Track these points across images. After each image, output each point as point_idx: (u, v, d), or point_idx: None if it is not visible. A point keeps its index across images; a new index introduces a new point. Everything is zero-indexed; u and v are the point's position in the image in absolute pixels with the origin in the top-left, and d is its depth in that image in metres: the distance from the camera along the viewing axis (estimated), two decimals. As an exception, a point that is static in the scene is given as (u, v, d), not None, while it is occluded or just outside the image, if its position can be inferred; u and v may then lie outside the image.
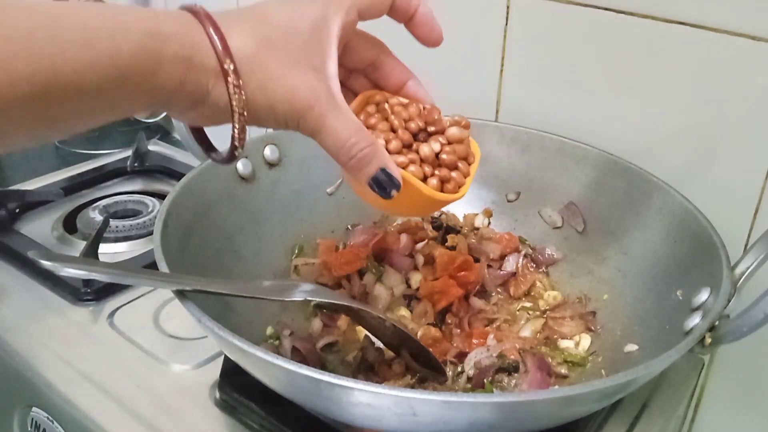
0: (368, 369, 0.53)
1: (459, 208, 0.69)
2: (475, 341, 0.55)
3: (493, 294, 0.61)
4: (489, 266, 0.62)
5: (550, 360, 0.54)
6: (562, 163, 0.65)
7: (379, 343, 0.54)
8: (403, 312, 0.59)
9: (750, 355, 0.64)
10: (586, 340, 0.57)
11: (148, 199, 0.86)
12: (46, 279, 0.69)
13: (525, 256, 0.64)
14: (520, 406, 0.38)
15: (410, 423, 0.38)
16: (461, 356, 0.54)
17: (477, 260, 0.61)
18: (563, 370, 0.54)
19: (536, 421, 0.42)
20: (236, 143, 0.38)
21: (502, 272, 0.62)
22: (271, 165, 0.64)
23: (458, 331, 0.57)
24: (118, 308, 0.66)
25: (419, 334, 0.55)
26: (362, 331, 0.56)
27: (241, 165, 0.61)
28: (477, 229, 0.67)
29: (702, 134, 0.61)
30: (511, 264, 0.63)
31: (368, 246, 0.63)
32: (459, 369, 0.54)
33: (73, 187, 0.90)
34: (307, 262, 0.63)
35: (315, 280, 0.62)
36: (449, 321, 0.58)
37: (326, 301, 0.51)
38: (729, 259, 0.48)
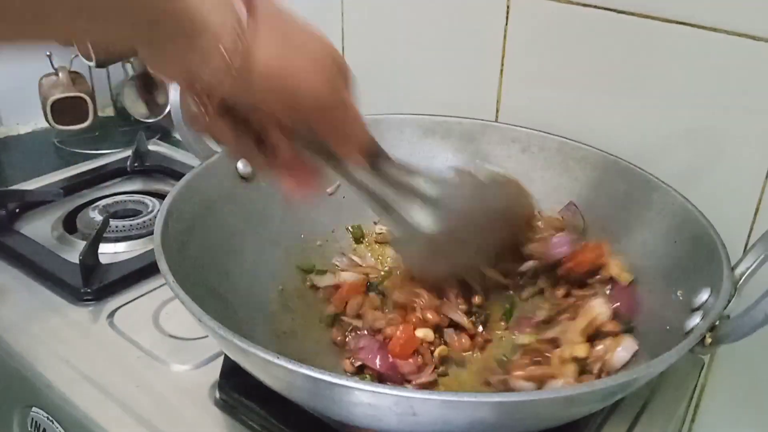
0: None
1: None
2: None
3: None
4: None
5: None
6: (562, 163, 0.65)
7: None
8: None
9: (750, 355, 0.64)
10: (586, 340, 0.56)
11: (148, 199, 0.86)
12: (46, 279, 0.69)
13: (525, 256, 0.64)
14: (521, 406, 0.38)
15: (410, 423, 0.38)
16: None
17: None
18: (563, 370, 0.54)
19: (536, 421, 0.41)
20: (201, 108, 0.31)
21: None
22: (271, 165, 0.64)
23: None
24: (118, 308, 0.66)
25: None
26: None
27: (241, 165, 0.61)
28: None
29: (702, 134, 0.61)
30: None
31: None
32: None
33: (73, 187, 0.89)
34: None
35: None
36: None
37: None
38: (729, 260, 0.48)
